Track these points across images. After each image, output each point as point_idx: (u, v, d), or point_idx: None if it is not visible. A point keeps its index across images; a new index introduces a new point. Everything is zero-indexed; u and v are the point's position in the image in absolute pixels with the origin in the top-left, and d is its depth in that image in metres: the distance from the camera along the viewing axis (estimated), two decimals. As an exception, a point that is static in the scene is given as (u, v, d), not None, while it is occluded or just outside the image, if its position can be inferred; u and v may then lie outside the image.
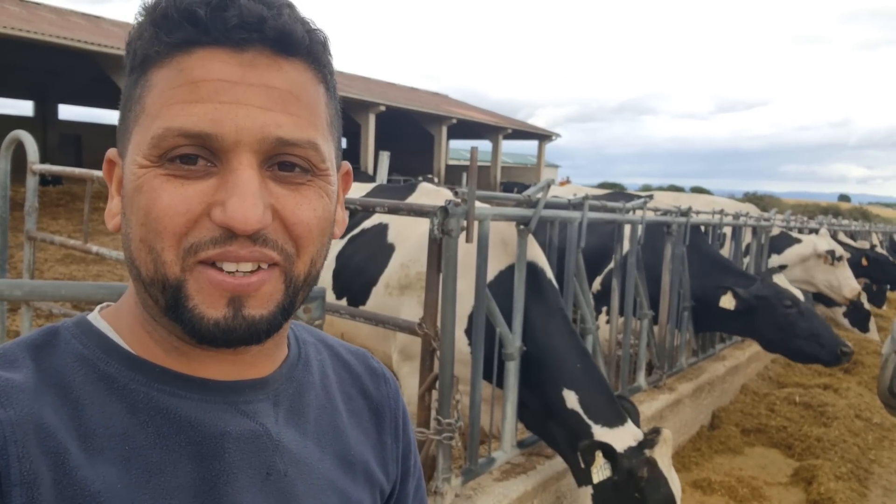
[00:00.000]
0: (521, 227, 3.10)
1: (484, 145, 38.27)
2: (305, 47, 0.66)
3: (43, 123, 26.65)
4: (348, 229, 3.98)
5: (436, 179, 25.29)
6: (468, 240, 2.72)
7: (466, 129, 32.13)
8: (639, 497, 2.62)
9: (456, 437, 2.74)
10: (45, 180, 18.69)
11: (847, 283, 6.85)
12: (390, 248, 3.67)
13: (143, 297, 0.67)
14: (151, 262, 0.63)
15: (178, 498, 0.63)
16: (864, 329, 8.46)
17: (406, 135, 31.47)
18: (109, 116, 33.36)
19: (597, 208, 3.82)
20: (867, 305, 8.78)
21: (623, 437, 2.76)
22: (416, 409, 3.15)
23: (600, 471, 2.66)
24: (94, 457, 0.60)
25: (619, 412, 2.87)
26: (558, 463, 3.33)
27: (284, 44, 0.64)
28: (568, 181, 33.02)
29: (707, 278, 5.03)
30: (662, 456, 2.66)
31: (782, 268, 6.86)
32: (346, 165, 0.77)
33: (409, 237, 3.61)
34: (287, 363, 0.76)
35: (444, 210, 2.65)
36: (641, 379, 4.62)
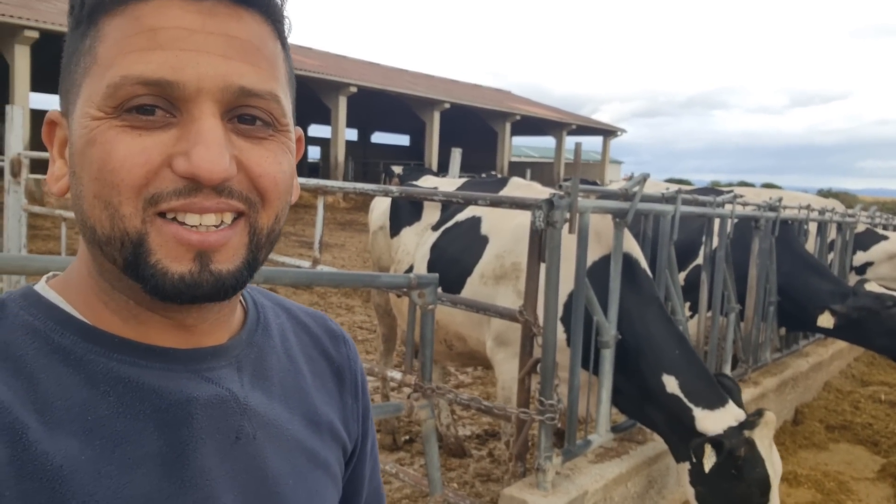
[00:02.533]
0: (618, 219, 3.21)
1: (547, 142, 38.04)
2: (265, 0, 0.65)
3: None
4: (441, 222, 4.16)
5: (499, 176, 25.36)
6: (571, 231, 2.85)
7: (530, 125, 32.09)
8: (735, 475, 2.70)
9: (556, 417, 2.89)
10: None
11: None
12: (484, 240, 3.82)
13: (98, 261, 0.64)
14: (108, 218, 0.60)
15: (145, 466, 0.60)
16: None
17: (470, 131, 31.65)
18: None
19: (688, 202, 3.89)
20: None
21: (724, 418, 2.84)
22: (511, 393, 3.31)
23: (710, 459, 2.77)
24: (53, 430, 0.58)
25: (719, 394, 2.95)
26: (649, 448, 3.43)
27: None
28: (632, 177, 32.48)
29: (795, 278, 5.01)
30: (762, 437, 2.71)
31: (869, 265, 6.73)
32: (299, 131, 0.74)
33: (503, 229, 3.76)
34: (246, 328, 0.74)
35: (550, 202, 2.79)
36: (727, 372, 4.66)
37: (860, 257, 6.90)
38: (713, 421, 2.82)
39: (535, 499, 2.75)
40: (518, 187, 4.17)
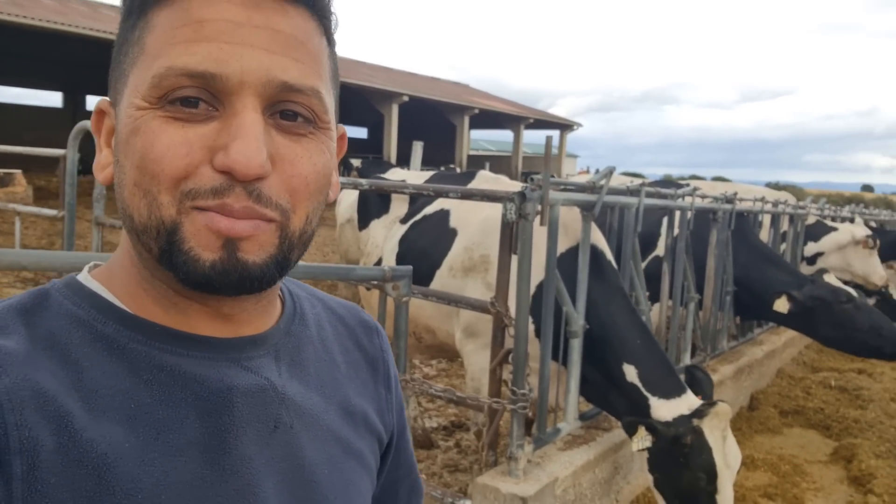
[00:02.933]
0: (585, 212, 3.28)
1: (504, 135, 38.24)
2: None
3: (73, 114, 27.15)
4: (410, 215, 4.19)
5: (458, 169, 25.42)
6: (542, 223, 2.91)
7: (488, 118, 32.21)
8: (683, 462, 2.80)
9: (528, 406, 2.95)
10: (78, 169, 19.05)
11: (877, 271, 7.05)
12: (453, 233, 3.86)
13: (137, 250, 0.65)
14: (146, 206, 0.61)
15: (187, 454, 0.61)
16: None
17: (428, 125, 31.62)
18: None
19: (651, 195, 3.99)
20: None
21: (678, 407, 2.95)
22: (480, 384, 3.36)
23: (640, 441, 2.87)
24: (98, 417, 0.59)
25: (676, 384, 3.05)
26: (615, 435, 3.52)
27: None
28: (588, 171, 33.03)
29: (752, 268, 5.17)
30: (712, 427, 2.80)
31: (819, 255, 6.99)
32: (342, 129, 0.74)
33: (471, 222, 3.81)
34: (283, 318, 0.75)
35: (522, 195, 2.84)
36: (686, 360, 4.79)
37: (811, 248, 7.16)
38: (667, 409, 2.93)
39: (507, 486, 2.80)
40: (486, 180, 4.21)
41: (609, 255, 3.44)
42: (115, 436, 0.58)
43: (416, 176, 4.69)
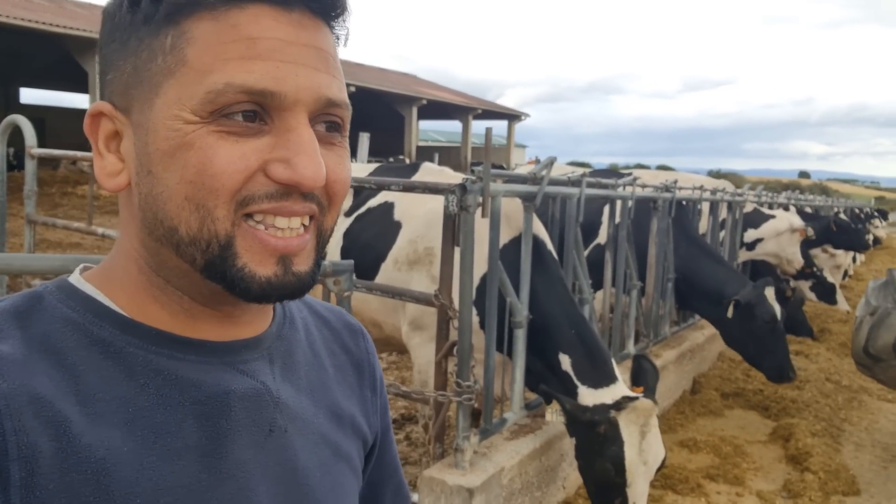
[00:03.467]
0: (527, 203, 3.30)
1: (454, 126, 38.25)
2: (337, 13, 0.68)
3: (5, 107, 26.07)
4: (354, 208, 4.14)
5: (407, 160, 25.34)
6: (483, 215, 2.90)
7: (436, 109, 32.19)
8: (596, 451, 2.86)
9: (473, 398, 2.95)
10: (11, 165, 18.33)
11: (798, 258, 7.55)
12: (397, 226, 3.83)
13: (161, 258, 0.65)
14: (198, 220, 0.61)
15: (185, 458, 0.62)
16: (832, 301, 8.92)
17: (376, 116, 31.41)
18: (74, 100, 32.64)
19: (592, 185, 4.03)
20: (830, 279, 9.23)
21: (601, 396, 3.00)
22: (427, 377, 3.36)
23: (554, 414, 2.93)
24: (95, 421, 0.59)
25: (607, 374, 3.10)
26: (560, 424, 3.56)
27: (323, 7, 0.66)
28: (537, 160, 33.26)
29: (690, 262, 5.34)
30: (629, 421, 2.83)
31: (759, 241, 7.22)
32: None
33: (415, 214, 3.79)
34: (275, 322, 0.76)
35: (463, 187, 2.83)
36: (630, 347, 4.88)
37: (751, 234, 7.39)
38: (592, 398, 2.99)
39: (454, 478, 2.81)
40: (430, 172, 4.19)
41: (550, 246, 3.47)
42: (113, 440, 0.59)
43: (360, 168, 4.64)
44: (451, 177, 4.05)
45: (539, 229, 3.45)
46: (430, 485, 2.83)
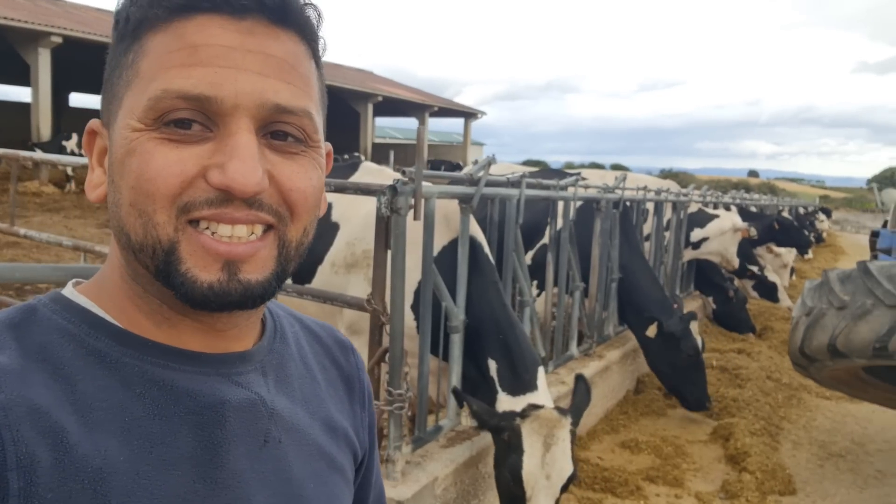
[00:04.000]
0: (464, 204, 3.22)
1: (410, 123, 38.11)
2: (301, 20, 0.67)
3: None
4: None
5: (363, 157, 25.11)
6: (416, 217, 2.82)
7: (393, 106, 31.97)
8: (500, 460, 2.85)
9: (406, 406, 2.87)
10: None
11: (735, 257, 7.80)
12: (335, 227, 3.73)
13: (132, 267, 0.66)
14: (142, 225, 0.62)
15: (180, 467, 0.62)
16: (774, 299, 9.13)
17: (331, 112, 30.74)
18: (16, 93, 31.50)
19: (533, 186, 3.98)
20: (772, 277, 9.45)
21: (513, 404, 2.96)
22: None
23: (465, 417, 2.89)
24: (92, 431, 0.59)
25: (527, 382, 3.05)
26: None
27: (282, 14, 0.65)
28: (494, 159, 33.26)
29: (628, 274, 5.42)
30: (532, 431, 2.78)
31: (704, 240, 7.33)
32: (328, 146, 0.76)
33: (353, 216, 3.68)
34: (266, 336, 0.77)
35: (393, 189, 2.74)
36: (574, 348, 4.86)
37: (698, 233, 7.52)
38: (507, 405, 2.95)
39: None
40: (369, 172, 4.09)
41: (486, 248, 3.40)
42: (110, 450, 0.59)
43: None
44: (390, 177, 3.95)
45: (475, 231, 3.38)
46: (359, 497, 2.74)
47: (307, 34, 0.69)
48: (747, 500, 3.86)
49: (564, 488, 2.81)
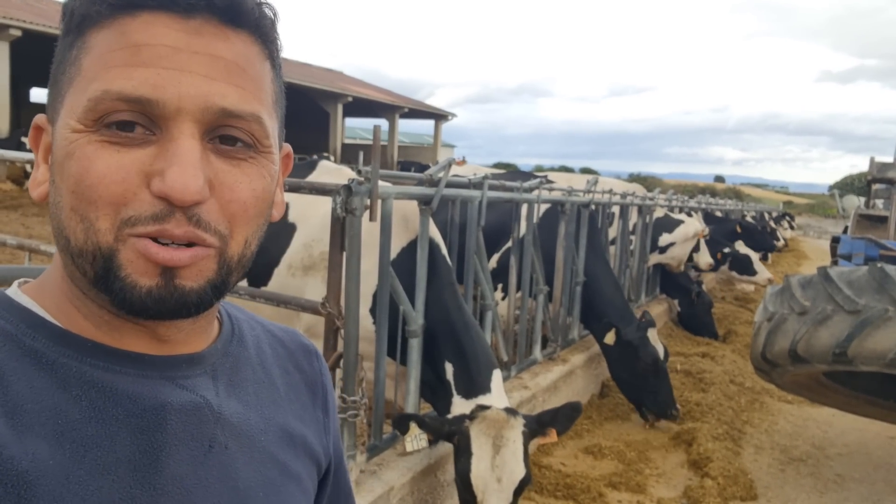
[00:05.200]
0: (423, 205, 3.14)
1: (380, 124, 37.99)
2: (254, 20, 0.65)
3: None
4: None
5: (332, 158, 24.90)
6: (372, 218, 2.73)
7: (363, 107, 31.80)
8: (455, 463, 2.81)
9: (362, 413, 2.78)
10: None
11: (706, 258, 8.13)
12: (292, 228, 3.62)
13: (70, 270, 0.64)
14: (83, 231, 0.60)
15: (115, 472, 0.60)
16: (752, 272, 9.41)
17: (300, 112, 30.76)
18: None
19: (496, 188, 3.92)
20: (742, 250, 9.75)
21: (466, 407, 2.91)
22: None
23: (414, 441, 2.80)
24: (21, 434, 0.57)
25: (480, 385, 2.99)
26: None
27: (233, 14, 0.63)
28: (464, 161, 33.31)
29: (591, 279, 5.42)
30: (480, 432, 2.73)
31: (671, 245, 7.39)
32: (287, 147, 0.75)
33: (311, 216, 3.58)
34: (221, 339, 0.74)
35: (348, 188, 2.66)
36: (537, 352, 4.81)
37: (666, 238, 7.61)
38: (460, 409, 2.90)
39: (336, 500, 2.62)
40: (327, 171, 3.99)
41: (444, 250, 3.33)
42: (40, 453, 0.57)
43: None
44: (348, 177, 3.86)
45: (433, 232, 3.30)
46: (310, 508, 2.64)
47: (261, 34, 0.66)
48: (709, 506, 3.83)
49: (518, 492, 2.75)
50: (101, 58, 0.60)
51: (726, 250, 9.53)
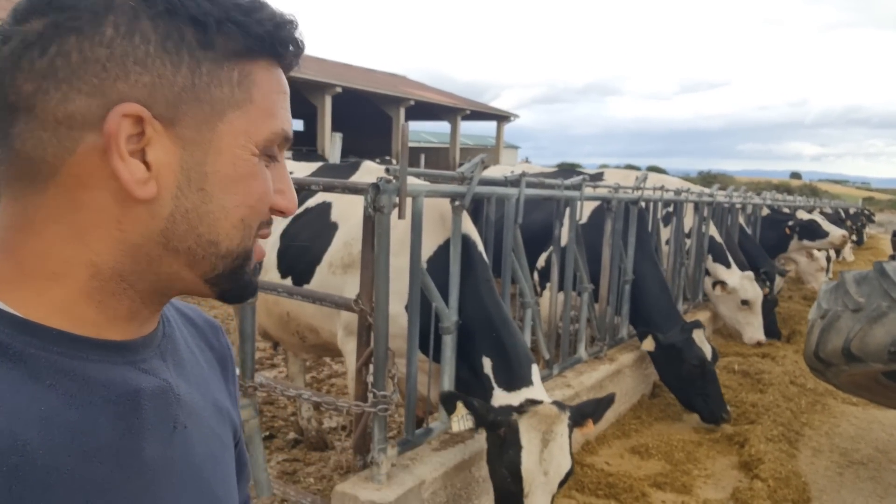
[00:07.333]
0: (456, 203, 3.17)
1: (443, 126, 38.10)
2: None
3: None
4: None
5: (394, 161, 25.12)
6: (400, 216, 2.78)
7: (425, 110, 32.01)
8: (497, 455, 2.78)
9: (392, 409, 2.83)
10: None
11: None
12: (333, 227, 3.71)
13: (156, 267, 0.67)
14: (242, 237, 0.70)
15: (98, 458, 0.61)
16: (823, 234, 9.29)
17: (363, 117, 31.25)
18: None
19: (534, 185, 3.91)
20: (806, 216, 9.50)
21: (511, 399, 2.90)
22: (354, 384, 3.23)
23: (461, 421, 2.80)
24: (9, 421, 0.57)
25: (523, 377, 3.00)
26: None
27: (289, 66, 0.76)
28: (527, 162, 33.06)
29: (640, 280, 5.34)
30: (530, 426, 2.72)
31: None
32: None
33: (351, 216, 3.66)
34: (160, 321, 0.77)
35: (376, 187, 2.71)
36: (582, 350, 4.76)
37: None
38: (504, 400, 2.89)
39: (367, 493, 2.68)
40: (370, 172, 4.06)
41: (480, 246, 3.34)
42: (31, 443, 0.58)
43: (301, 167, 4.51)
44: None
45: (468, 229, 3.32)
46: (342, 500, 2.71)
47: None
48: (757, 509, 3.72)
49: (561, 484, 2.77)
50: (270, 96, 0.70)
51: (790, 223, 9.29)
